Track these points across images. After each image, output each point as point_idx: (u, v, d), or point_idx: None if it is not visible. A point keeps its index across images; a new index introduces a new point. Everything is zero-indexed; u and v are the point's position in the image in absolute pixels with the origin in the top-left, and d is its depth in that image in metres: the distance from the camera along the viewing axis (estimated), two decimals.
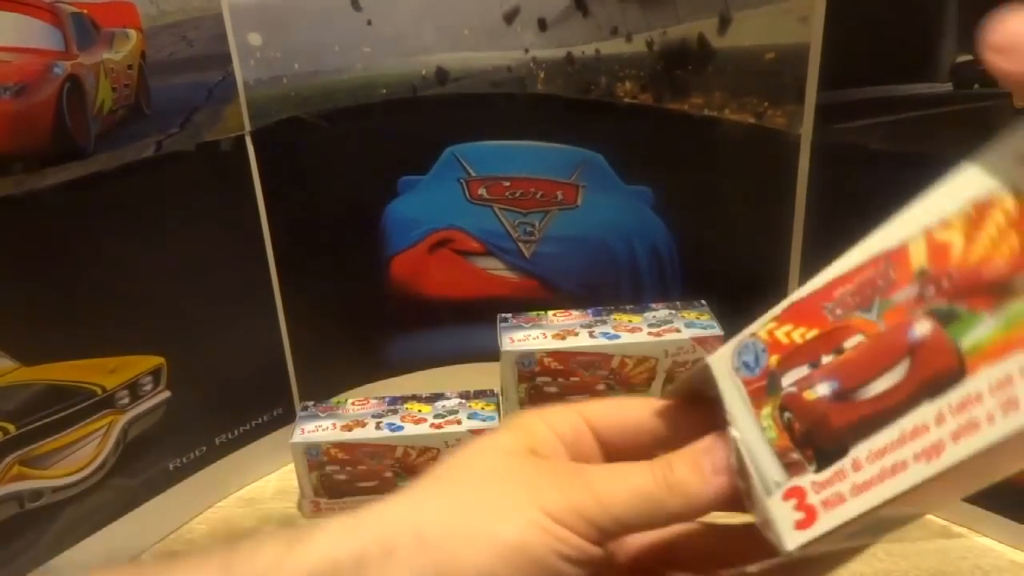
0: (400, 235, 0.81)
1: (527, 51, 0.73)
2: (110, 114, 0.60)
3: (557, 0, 0.71)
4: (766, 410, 0.28)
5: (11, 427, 0.59)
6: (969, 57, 0.55)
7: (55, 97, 0.57)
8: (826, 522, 0.26)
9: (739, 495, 0.29)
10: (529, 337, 0.66)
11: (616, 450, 0.33)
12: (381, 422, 0.71)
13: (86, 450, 0.64)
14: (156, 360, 0.67)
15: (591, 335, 0.66)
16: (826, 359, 0.27)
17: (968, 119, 0.56)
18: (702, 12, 0.65)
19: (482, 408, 0.72)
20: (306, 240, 0.75)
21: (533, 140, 0.77)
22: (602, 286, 0.80)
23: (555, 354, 0.65)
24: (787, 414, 0.27)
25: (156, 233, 0.65)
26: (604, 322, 0.68)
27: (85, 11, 0.57)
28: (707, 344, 0.66)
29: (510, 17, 0.72)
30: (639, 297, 0.78)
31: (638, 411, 0.33)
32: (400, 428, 0.70)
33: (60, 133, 0.57)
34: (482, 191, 0.79)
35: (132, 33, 0.60)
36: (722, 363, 0.30)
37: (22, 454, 0.60)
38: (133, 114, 0.61)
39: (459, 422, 0.70)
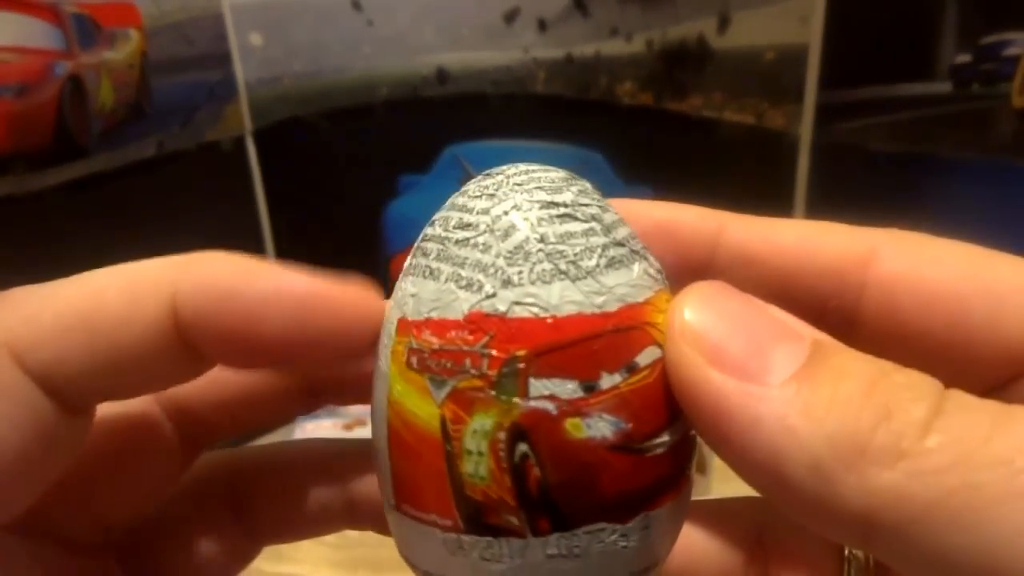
0: (400, 235, 0.80)
1: (527, 51, 0.73)
2: (111, 114, 0.60)
3: (557, 0, 0.71)
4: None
5: None
6: (968, 57, 0.55)
7: (56, 97, 0.57)
8: None
9: None
10: None
11: None
12: None
13: None
14: None
15: None
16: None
17: (967, 119, 0.56)
18: (702, 12, 0.65)
19: None
20: (306, 240, 0.75)
21: (533, 140, 0.77)
22: None
23: None
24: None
25: (156, 233, 0.65)
26: None
27: (86, 11, 0.58)
28: None
29: (510, 17, 0.72)
30: None
31: None
32: None
33: (61, 133, 0.58)
34: None
35: (133, 33, 0.60)
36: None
37: None
38: (134, 114, 0.61)
39: None
